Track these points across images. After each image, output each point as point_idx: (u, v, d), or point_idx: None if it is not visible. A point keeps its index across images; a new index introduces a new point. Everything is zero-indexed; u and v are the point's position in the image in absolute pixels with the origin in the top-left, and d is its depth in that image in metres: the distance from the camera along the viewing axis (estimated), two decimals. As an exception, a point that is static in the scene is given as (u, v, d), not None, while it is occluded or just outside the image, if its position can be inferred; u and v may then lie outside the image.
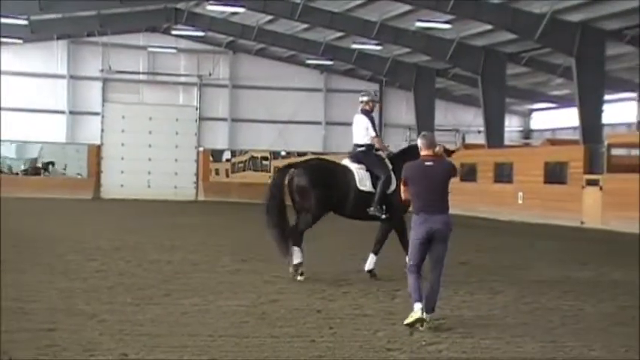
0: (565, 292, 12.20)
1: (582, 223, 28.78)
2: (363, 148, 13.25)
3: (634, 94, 31.34)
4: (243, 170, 70.28)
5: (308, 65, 49.00)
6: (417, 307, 9.19)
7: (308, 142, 50.11)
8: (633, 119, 30.20)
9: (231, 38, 46.56)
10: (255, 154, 65.63)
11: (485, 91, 38.98)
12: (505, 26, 32.86)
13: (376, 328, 9.16)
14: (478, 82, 39.37)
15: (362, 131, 13.33)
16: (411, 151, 12.75)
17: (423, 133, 10.06)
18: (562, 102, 49.93)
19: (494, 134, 39.20)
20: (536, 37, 32.28)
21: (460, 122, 52.19)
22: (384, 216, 13.09)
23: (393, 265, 14.59)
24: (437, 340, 8.61)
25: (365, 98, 13.64)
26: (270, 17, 39.94)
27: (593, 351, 8.28)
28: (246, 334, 8.75)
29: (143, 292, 11.32)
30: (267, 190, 13.06)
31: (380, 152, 13.38)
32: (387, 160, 13.27)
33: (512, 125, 53.95)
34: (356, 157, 13.33)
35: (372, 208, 12.95)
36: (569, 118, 45.47)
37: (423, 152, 9.47)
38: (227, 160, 72.30)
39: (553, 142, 38.50)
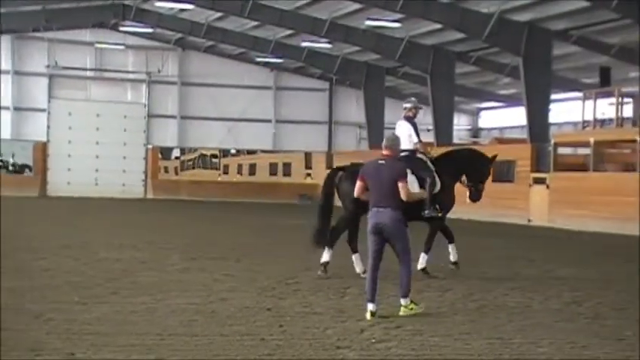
0: (512, 289, 12.33)
1: (529, 220, 29.15)
2: (407, 153, 13.57)
3: (579, 94, 31.82)
4: (193, 168, 69.94)
5: (258, 63, 48.91)
6: (368, 306, 9.68)
7: (258, 140, 50.05)
8: (579, 118, 30.65)
9: (180, 35, 46.28)
10: (205, 152, 65.37)
11: (434, 89, 39.27)
12: (454, 25, 33.15)
13: (326, 326, 9.16)
14: (427, 80, 39.63)
15: (405, 137, 13.53)
16: (455, 155, 14.64)
17: (387, 135, 10.70)
18: (510, 101, 50.49)
19: (443, 132, 39.50)
20: (485, 37, 32.61)
21: (410, 120, 52.32)
22: (440, 214, 13.69)
23: (343, 263, 14.59)
24: (386, 338, 8.64)
25: (408, 105, 14.06)
26: (219, 14, 39.78)
27: (540, 347, 8.37)
28: (196, 332, 8.69)
29: (91, 290, 11.18)
30: (321, 192, 13.80)
31: (422, 156, 13.89)
32: (429, 163, 13.83)
33: (460, 124, 54.47)
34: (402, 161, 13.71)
35: (426, 211, 13.47)
36: (516, 117, 46.04)
37: (383, 151, 10.06)
38: (176, 158, 71.83)
39: (501, 141, 38.94)
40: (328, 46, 42.24)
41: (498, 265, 15.62)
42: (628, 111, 28.54)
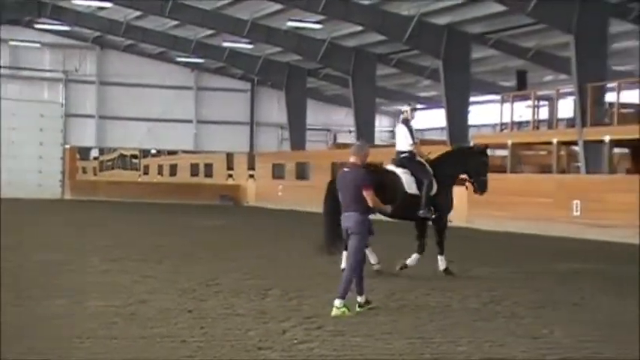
0: (433, 288, 12.46)
1: (450, 221, 29.51)
2: (406, 155, 14.23)
3: (497, 97, 32.44)
4: (112, 168, 68.93)
5: (178, 63, 48.47)
6: (358, 299, 10.37)
7: (179, 140, 49.62)
8: (497, 121, 31.24)
9: (98, 33, 45.52)
10: (125, 152, 64.45)
11: (356, 91, 39.54)
12: (375, 28, 33.42)
13: (248, 328, 9.11)
14: (349, 82, 39.88)
15: (403, 139, 14.33)
16: (449, 157, 15.02)
17: (355, 143, 11.14)
18: (430, 103, 51.16)
19: (365, 134, 39.79)
20: (405, 39, 32.98)
21: (331, 122, 52.76)
22: (433, 216, 14.13)
23: (265, 264, 14.62)
24: (308, 339, 8.63)
25: (405, 108, 14.71)
26: (139, 13, 39.25)
27: (460, 346, 8.48)
28: (115, 335, 8.55)
29: (7, 294, 10.89)
30: (325, 195, 13.83)
31: (420, 158, 14.34)
32: (427, 166, 14.26)
33: (382, 125, 54.94)
34: (400, 163, 14.34)
35: (421, 211, 13.97)
36: (436, 118, 46.67)
37: (350, 159, 10.45)
38: (95, 158, 70.69)
39: (421, 143, 39.34)
40: (250, 46, 42.13)
41: (419, 264, 15.76)
42: (544, 113, 29.19)
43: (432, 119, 51.48)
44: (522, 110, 29.52)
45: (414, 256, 14.24)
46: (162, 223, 28.04)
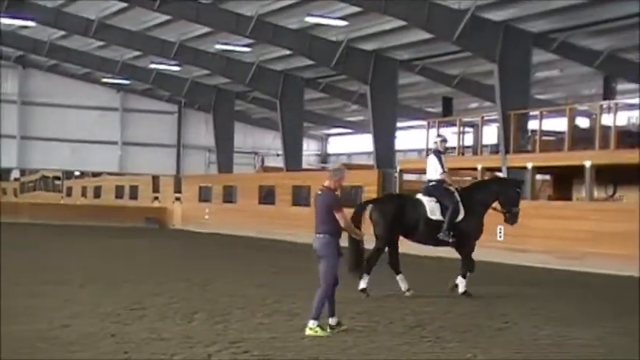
0: (358, 313, 12.48)
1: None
2: (433, 183, 15.27)
3: (424, 122, 32.86)
4: (34, 190, 67.44)
5: (104, 84, 47.86)
6: (330, 321, 10.62)
7: (103, 162, 48.93)
8: (423, 146, 31.61)
9: (20, 52, 44.65)
10: (47, 174, 63.15)
11: (283, 114, 39.61)
12: (303, 52, 33.57)
13: (172, 352, 8.98)
14: (277, 105, 39.93)
15: (433, 169, 15.32)
16: (483, 185, 16.45)
17: (332, 166, 11.62)
18: (357, 128, 51.55)
19: (292, 157, 39.85)
20: (333, 64, 33.20)
21: (259, 145, 52.71)
22: (451, 240, 15.02)
23: (191, 288, 14.46)
24: (234, 363, 8.55)
25: (437, 140, 15.75)
26: (63, 32, 38.63)
27: (386, 370, 8.50)
28: (36, 361, 8.33)
29: None
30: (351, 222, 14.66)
31: (450, 186, 15.24)
32: (456, 193, 15.14)
33: (310, 149, 55.13)
34: (427, 191, 15.36)
35: (441, 234, 14.88)
36: (363, 143, 47.03)
37: (325, 182, 10.82)
38: (16, 179, 69.09)
39: (349, 167, 39.52)
40: (177, 68, 41.88)
41: (345, 289, 15.78)
42: (469, 140, 29.65)
43: (359, 144, 51.90)
44: (448, 136, 29.92)
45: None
46: (85, 245, 27.53)
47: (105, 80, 47.08)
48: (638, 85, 31.42)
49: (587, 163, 22.69)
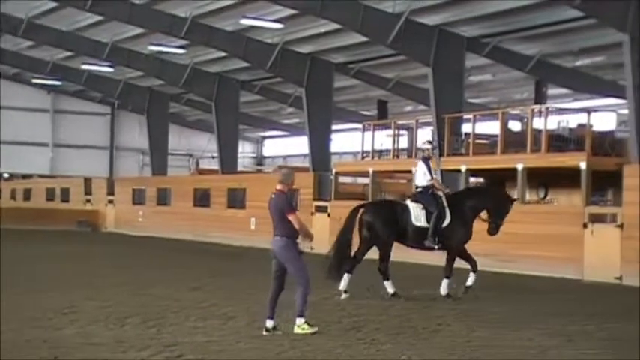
0: (295, 315, 12.42)
1: (312, 248, 29.66)
2: (420, 189, 15.47)
3: (359, 125, 32.99)
4: (-39, 193, 65.63)
5: (34, 84, 46.96)
6: (266, 322, 10.76)
7: (33, 164, 48.08)
8: (359, 149, 31.74)
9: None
10: (-25, 176, 61.53)
11: (218, 117, 39.39)
12: (238, 54, 33.42)
13: (105, 357, 8.83)
14: (212, 107, 39.69)
15: (422, 175, 15.47)
16: (475, 190, 17.06)
17: (282, 171, 11.64)
18: (293, 130, 51.56)
19: (227, 160, 39.64)
20: (268, 67, 33.13)
21: (194, 147, 52.37)
22: (436, 246, 15.26)
23: (124, 291, 14.25)
24: (168, 368, 8.44)
25: (425, 147, 15.85)
26: (-9, 32, 37.80)
27: (322, 372, 8.49)
28: (-38, 368, 8.10)
29: None
30: (342, 225, 15.43)
31: (438, 192, 15.38)
32: (443, 199, 15.28)
33: (245, 151, 54.94)
34: (414, 197, 15.59)
35: (427, 241, 15.16)
36: (299, 145, 47.03)
37: (276, 186, 10.97)
38: (-57, 182, 67.11)
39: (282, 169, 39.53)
40: (110, 69, 41.33)
41: (283, 291, 15.74)
42: (404, 143, 29.84)
43: (295, 146, 51.90)
44: (383, 139, 30.09)
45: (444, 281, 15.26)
46: (15, 249, 26.94)
47: (35, 81, 46.22)
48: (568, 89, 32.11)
49: (519, 167, 23.02)
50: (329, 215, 29.35)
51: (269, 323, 10.76)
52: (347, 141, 45.04)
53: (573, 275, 20.46)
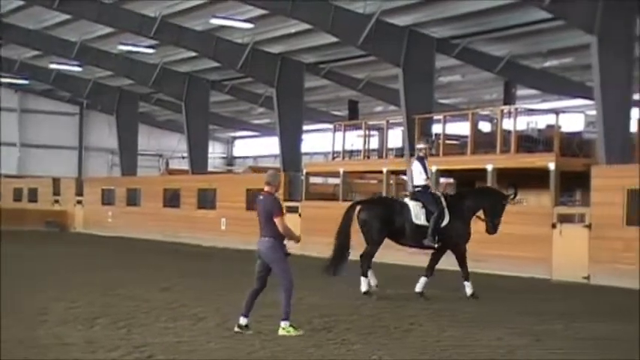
0: (265, 316, 12.38)
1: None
2: (419, 188, 15.56)
3: (330, 125, 33.04)
4: None
5: (1, 83, 46.49)
6: (240, 320, 10.81)
7: (0, 163, 47.52)
8: (329, 149, 31.78)
9: None
10: (-59, 176, 60.65)
11: (188, 117, 39.23)
12: (208, 54, 33.31)
13: (75, 358, 8.76)
14: (182, 107, 39.52)
15: (418, 174, 15.58)
16: (474, 192, 16.98)
17: (268, 172, 11.67)
18: (263, 130, 51.50)
19: (197, 160, 39.49)
20: (239, 67, 33.06)
21: (164, 147, 52.14)
22: (436, 245, 15.37)
23: (93, 292, 14.15)
24: (138, 369, 8.40)
25: (421, 146, 15.89)
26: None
27: (292, 373, 8.48)
28: None
29: None
30: (340, 222, 15.43)
31: (436, 192, 15.80)
32: (442, 198, 15.51)
33: (215, 151, 54.78)
34: (414, 196, 15.66)
35: (426, 240, 15.27)
36: (270, 146, 46.99)
37: (264, 187, 11.03)
38: None
39: (255, 170, 39.46)
40: (79, 69, 41.01)
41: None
42: (374, 143, 29.89)
43: (266, 146, 51.84)
44: (354, 139, 30.14)
45: (422, 279, 15.41)
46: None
47: (2, 80, 45.75)
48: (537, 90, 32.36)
49: (489, 167, 23.14)
50: (300, 215, 29.34)
51: (243, 321, 10.80)
52: (318, 141, 45.07)
53: (542, 275, 20.61)
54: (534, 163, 22.77)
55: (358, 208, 15.81)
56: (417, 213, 15.31)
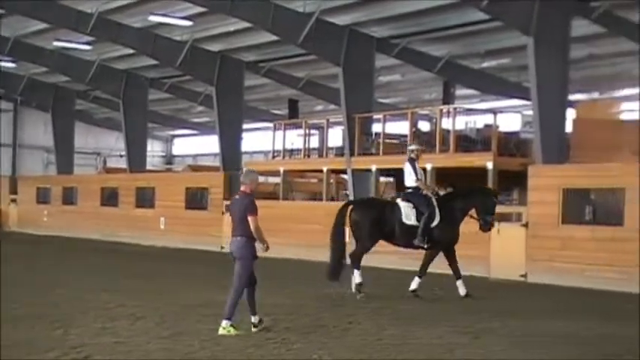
0: (205, 315, 12.31)
1: (222, 247, 29.48)
2: (410, 190, 15.72)
3: (270, 124, 33.01)
4: None
5: None
6: (252, 320, 11.00)
7: None
8: (270, 148, 31.72)
9: None
10: None
11: (127, 115, 38.74)
12: (146, 52, 32.94)
13: (10, 358, 8.57)
14: (120, 105, 39.02)
15: (409, 176, 15.78)
16: (463, 192, 16.67)
17: (244, 171, 12.09)
18: (203, 129, 51.16)
19: (136, 158, 39.01)
20: (178, 64, 32.77)
21: (101, 145, 51.47)
22: (426, 246, 15.58)
23: (31, 292, 13.89)
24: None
25: (412, 148, 16.10)
26: None
27: (232, 373, 8.42)
28: None
29: None
30: (333, 223, 15.68)
31: (427, 192, 15.76)
32: (433, 199, 15.63)
33: (154, 150, 54.24)
34: (405, 197, 15.82)
35: (416, 240, 15.46)
36: (209, 144, 46.71)
37: (241, 187, 11.20)
38: None
39: (194, 168, 39.21)
40: (12, 65, 40.17)
41: (193, 291, 15.59)
42: (315, 142, 29.93)
43: (205, 145, 51.52)
44: (294, 138, 30.12)
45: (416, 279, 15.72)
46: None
47: None
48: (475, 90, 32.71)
49: (429, 166, 23.30)
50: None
51: (254, 319, 11.03)
52: (258, 140, 44.96)
53: (480, 273, 20.80)
54: (473, 162, 23.02)
55: (350, 208, 16.02)
56: (408, 213, 15.52)
